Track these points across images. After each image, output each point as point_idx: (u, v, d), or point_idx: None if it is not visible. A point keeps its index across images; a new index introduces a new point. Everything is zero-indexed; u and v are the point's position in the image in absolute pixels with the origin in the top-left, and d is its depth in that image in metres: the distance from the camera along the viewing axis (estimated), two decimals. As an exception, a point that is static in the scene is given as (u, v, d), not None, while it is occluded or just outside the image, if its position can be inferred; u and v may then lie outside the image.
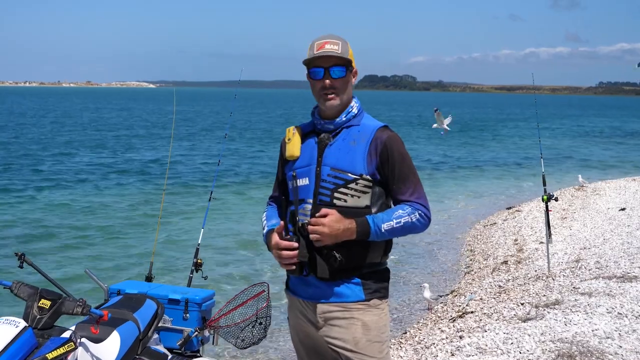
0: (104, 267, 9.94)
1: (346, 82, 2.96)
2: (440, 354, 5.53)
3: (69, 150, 27.91)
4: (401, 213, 2.86)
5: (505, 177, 22.51)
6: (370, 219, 2.83)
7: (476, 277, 9.14)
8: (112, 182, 19.22)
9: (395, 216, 2.85)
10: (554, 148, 33.34)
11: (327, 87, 2.93)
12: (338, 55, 2.91)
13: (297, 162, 3.02)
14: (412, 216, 2.87)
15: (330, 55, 2.91)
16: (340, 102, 2.96)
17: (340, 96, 2.95)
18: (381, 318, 3.00)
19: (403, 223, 2.85)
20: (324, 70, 2.93)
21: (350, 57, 2.96)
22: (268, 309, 4.25)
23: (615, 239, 9.95)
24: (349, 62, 2.95)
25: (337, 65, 2.93)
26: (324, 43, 2.93)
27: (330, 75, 2.92)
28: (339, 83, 2.94)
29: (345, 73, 2.94)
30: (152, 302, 4.01)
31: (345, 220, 2.80)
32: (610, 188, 16.15)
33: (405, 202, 2.90)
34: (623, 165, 26.42)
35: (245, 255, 10.84)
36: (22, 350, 2.93)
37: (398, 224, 2.84)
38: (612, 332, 5.58)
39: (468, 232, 12.95)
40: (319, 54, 2.91)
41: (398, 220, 2.84)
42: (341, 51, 2.92)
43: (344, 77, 2.94)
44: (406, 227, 2.86)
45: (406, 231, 2.88)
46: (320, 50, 2.92)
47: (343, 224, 2.79)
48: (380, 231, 2.83)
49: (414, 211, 2.87)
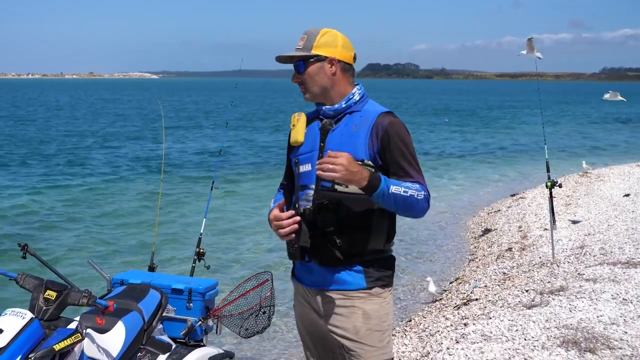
0: (107, 257, 9.96)
1: (312, 74, 2.96)
2: (445, 342, 5.53)
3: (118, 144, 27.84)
4: (410, 185, 2.82)
5: (509, 164, 22.48)
6: (382, 176, 2.79)
7: (480, 265, 9.14)
8: (131, 172, 19.31)
9: (404, 185, 2.80)
10: (557, 134, 33.26)
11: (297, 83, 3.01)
12: (291, 56, 2.98)
13: (301, 149, 3.03)
14: (419, 194, 2.82)
15: (288, 56, 2.99)
16: (311, 95, 3.01)
17: (309, 89, 2.99)
18: (382, 307, 2.98)
19: (409, 195, 2.79)
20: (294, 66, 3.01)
21: (319, 46, 2.95)
22: (272, 298, 4.25)
23: (619, 224, 9.92)
24: (306, 57, 2.95)
25: (299, 60, 2.97)
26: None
27: (297, 71, 2.99)
28: (305, 76, 2.97)
29: (304, 66, 2.96)
30: (155, 292, 4.01)
31: (360, 165, 2.76)
32: (614, 174, 16.09)
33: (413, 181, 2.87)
34: (629, 150, 26.37)
35: (248, 245, 10.84)
36: (29, 341, 2.94)
37: (405, 193, 2.78)
38: (617, 318, 5.57)
39: (472, 219, 12.94)
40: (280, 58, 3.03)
41: (406, 190, 2.79)
42: (303, 45, 2.96)
43: (304, 72, 2.97)
44: (409, 201, 2.80)
45: (407, 205, 2.81)
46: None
47: (358, 166, 2.74)
48: (388, 191, 2.76)
49: (422, 190, 2.84)
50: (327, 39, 2.96)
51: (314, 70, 2.96)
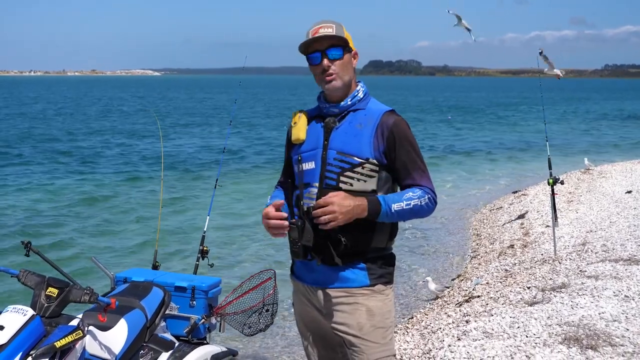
0: (110, 255, 9.97)
1: (345, 63, 2.94)
2: (446, 339, 5.54)
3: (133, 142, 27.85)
4: (411, 195, 2.84)
5: (511, 161, 22.46)
6: (381, 198, 2.82)
7: (482, 262, 9.14)
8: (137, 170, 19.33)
9: (405, 198, 2.83)
10: (560, 131, 33.21)
11: (327, 69, 2.92)
12: (332, 35, 2.90)
13: (303, 146, 3.02)
14: (422, 199, 2.86)
15: (324, 36, 2.90)
16: (342, 83, 2.94)
17: (341, 77, 2.93)
18: (385, 304, 3.00)
19: (413, 205, 2.84)
20: (321, 53, 2.91)
21: (347, 37, 2.95)
22: (275, 296, 4.27)
23: (621, 221, 9.92)
24: (345, 42, 2.93)
25: (333, 46, 2.91)
26: (317, 28, 2.92)
27: (327, 57, 2.91)
28: (338, 64, 2.92)
29: (342, 53, 2.92)
30: (158, 290, 4.02)
31: (354, 198, 2.79)
32: (616, 171, 16.07)
33: (415, 186, 2.89)
34: (632, 147, 26.33)
35: (251, 243, 10.84)
36: (30, 338, 2.95)
37: (408, 206, 2.83)
38: (619, 315, 5.58)
39: (474, 216, 12.94)
40: (314, 38, 2.91)
41: (408, 202, 2.83)
42: (335, 32, 2.91)
43: (342, 57, 2.92)
44: (415, 210, 2.85)
45: (414, 214, 2.87)
46: (315, 35, 2.91)
47: (352, 201, 2.77)
48: (391, 211, 2.81)
49: (424, 194, 2.87)
50: (345, 31, 2.97)
51: (347, 59, 2.95)
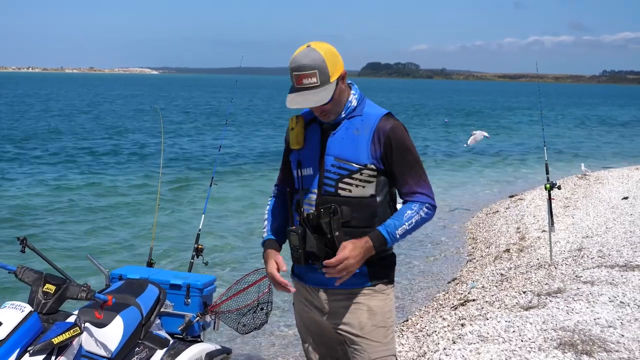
0: (106, 252, 9.95)
1: (336, 100, 2.89)
2: (441, 342, 5.54)
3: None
4: (410, 214, 2.88)
5: (508, 165, 22.49)
6: (382, 229, 2.85)
7: (478, 265, 9.15)
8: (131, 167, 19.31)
9: (406, 218, 2.87)
10: (557, 136, 33.26)
11: (319, 113, 2.92)
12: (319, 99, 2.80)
13: (301, 152, 3.02)
14: (421, 212, 2.90)
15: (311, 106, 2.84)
16: (336, 115, 2.94)
17: (335, 112, 2.93)
18: (386, 303, 3.02)
19: (414, 222, 2.89)
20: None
21: (334, 72, 2.84)
22: (269, 294, 4.27)
23: (617, 227, 9.93)
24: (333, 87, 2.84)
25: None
26: (301, 77, 2.81)
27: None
28: (329, 106, 2.89)
29: (331, 98, 2.84)
30: (154, 288, 4.02)
31: (360, 241, 2.81)
32: (613, 177, 16.10)
33: (412, 197, 2.92)
34: (628, 153, 26.39)
35: (246, 241, 10.83)
36: (28, 334, 2.95)
37: (410, 225, 2.88)
38: (614, 321, 5.58)
39: (470, 220, 12.95)
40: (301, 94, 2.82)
41: (409, 221, 2.88)
42: (320, 81, 2.80)
43: (331, 100, 2.85)
44: (417, 224, 2.91)
45: (418, 227, 2.93)
46: (299, 85, 2.82)
47: (361, 247, 2.80)
48: (396, 237, 2.87)
49: (422, 206, 2.90)
50: (332, 60, 2.84)
51: (337, 94, 2.89)
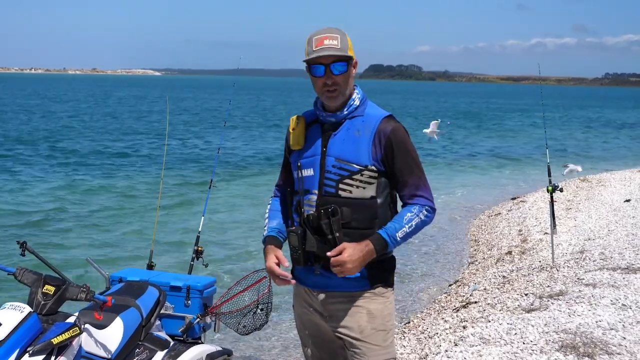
0: (105, 255, 9.93)
1: (347, 76, 2.92)
2: (443, 344, 5.53)
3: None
4: (410, 216, 2.89)
5: (510, 168, 22.46)
6: (383, 233, 2.85)
7: (480, 268, 9.13)
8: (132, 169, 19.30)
9: (406, 221, 2.88)
10: (559, 139, 33.23)
11: (329, 83, 2.90)
12: (338, 52, 2.86)
13: (302, 152, 3.02)
14: (421, 214, 2.90)
15: (329, 53, 2.86)
16: (343, 98, 2.94)
17: (342, 92, 2.93)
18: (386, 306, 3.01)
19: (414, 225, 2.89)
20: (324, 67, 2.88)
21: (350, 50, 2.92)
22: (269, 295, 4.26)
23: (620, 230, 9.91)
24: (349, 57, 2.91)
25: (338, 61, 2.88)
26: (322, 38, 2.87)
27: (331, 72, 2.88)
28: (341, 79, 2.90)
29: (346, 68, 2.90)
30: (154, 289, 4.01)
31: (360, 245, 2.81)
32: (615, 179, 16.08)
33: (411, 200, 2.92)
34: (632, 156, 26.35)
35: (246, 242, 10.82)
36: (27, 335, 2.95)
37: (410, 228, 2.88)
38: (616, 323, 5.56)
39: (472, 222, 12.93)
40: (319, 50, 2.86)
41: (409, 224, 2.88)
42: (341, 46, 2.87)
43: (346, 72, 2.90)
44: (418, 227, 2.91)
45: (418, 229, 2.93)
46: (320, 46, 2.86)
47: (361, 250, 2.80)
48: (397, 240, 2.87)
49: (421, 209, 2.91)
50: (349, 40, 2.94)
51: (350, 72, 2.94)
